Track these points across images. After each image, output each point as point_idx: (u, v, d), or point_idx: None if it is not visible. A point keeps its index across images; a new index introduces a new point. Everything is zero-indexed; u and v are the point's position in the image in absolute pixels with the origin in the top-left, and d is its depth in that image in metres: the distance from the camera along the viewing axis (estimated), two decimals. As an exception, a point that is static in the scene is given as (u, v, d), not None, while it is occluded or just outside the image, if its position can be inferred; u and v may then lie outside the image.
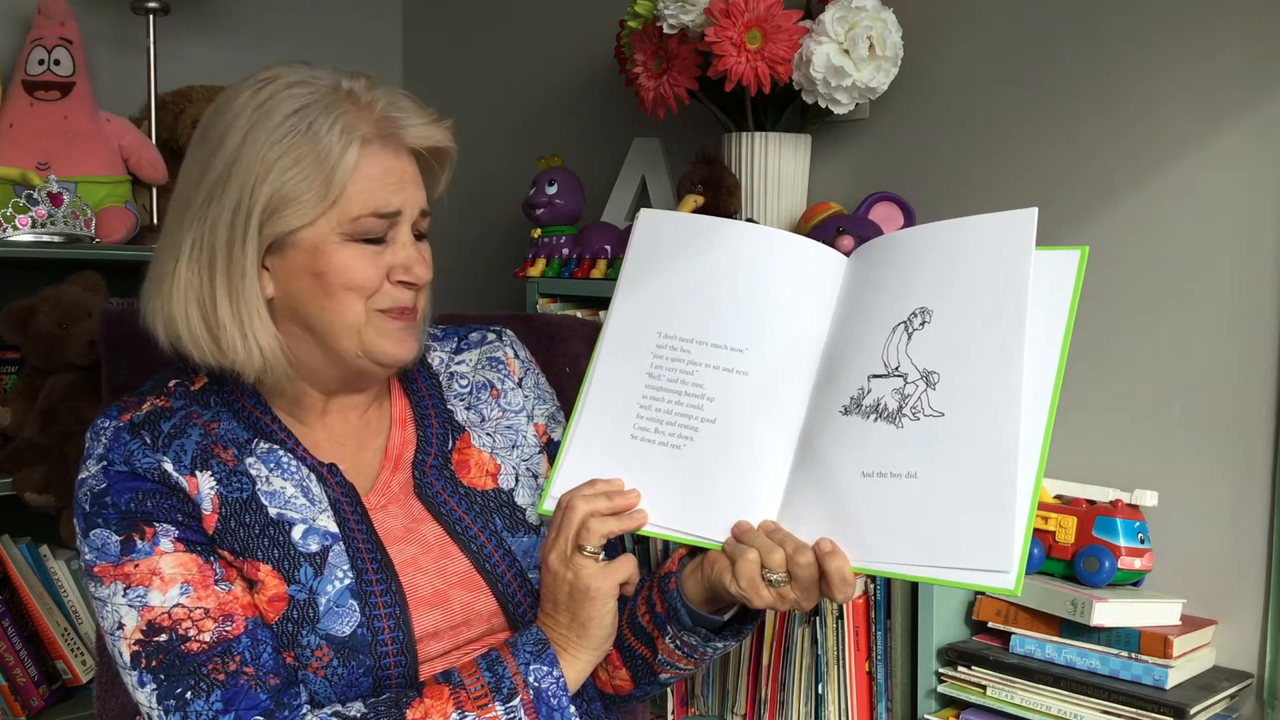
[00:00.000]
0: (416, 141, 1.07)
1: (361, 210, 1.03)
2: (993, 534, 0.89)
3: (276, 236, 1.03)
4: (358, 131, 1.02)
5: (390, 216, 1.05)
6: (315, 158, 1.01)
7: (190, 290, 1.04)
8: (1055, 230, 1.58)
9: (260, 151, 1.01)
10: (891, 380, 0.97)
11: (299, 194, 1.01)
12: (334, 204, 1.02)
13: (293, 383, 1.10)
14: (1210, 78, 1.51)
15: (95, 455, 1.05)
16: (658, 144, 2.09)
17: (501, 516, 1.15)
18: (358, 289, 1.04)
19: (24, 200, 1.82)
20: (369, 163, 1.03)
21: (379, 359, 1.07)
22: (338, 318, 1.05)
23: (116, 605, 1.01)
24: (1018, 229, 0.97)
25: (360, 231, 1.04)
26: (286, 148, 1.01)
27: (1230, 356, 1.50)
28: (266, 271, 1.05)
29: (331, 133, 1.02)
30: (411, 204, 1.07)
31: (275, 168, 1.01)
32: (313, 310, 1.05)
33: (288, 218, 1.02)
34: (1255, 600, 1.49)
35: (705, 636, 1.08)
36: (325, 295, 1.04)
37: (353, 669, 1.02)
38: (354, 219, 1.03)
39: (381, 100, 1.05)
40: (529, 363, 1.27)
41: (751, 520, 1.00)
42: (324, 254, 1.03)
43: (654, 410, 1.05)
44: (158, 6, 2.08)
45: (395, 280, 1.06)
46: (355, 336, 1.06)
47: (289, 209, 1.02)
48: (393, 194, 1.05)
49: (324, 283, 1.04)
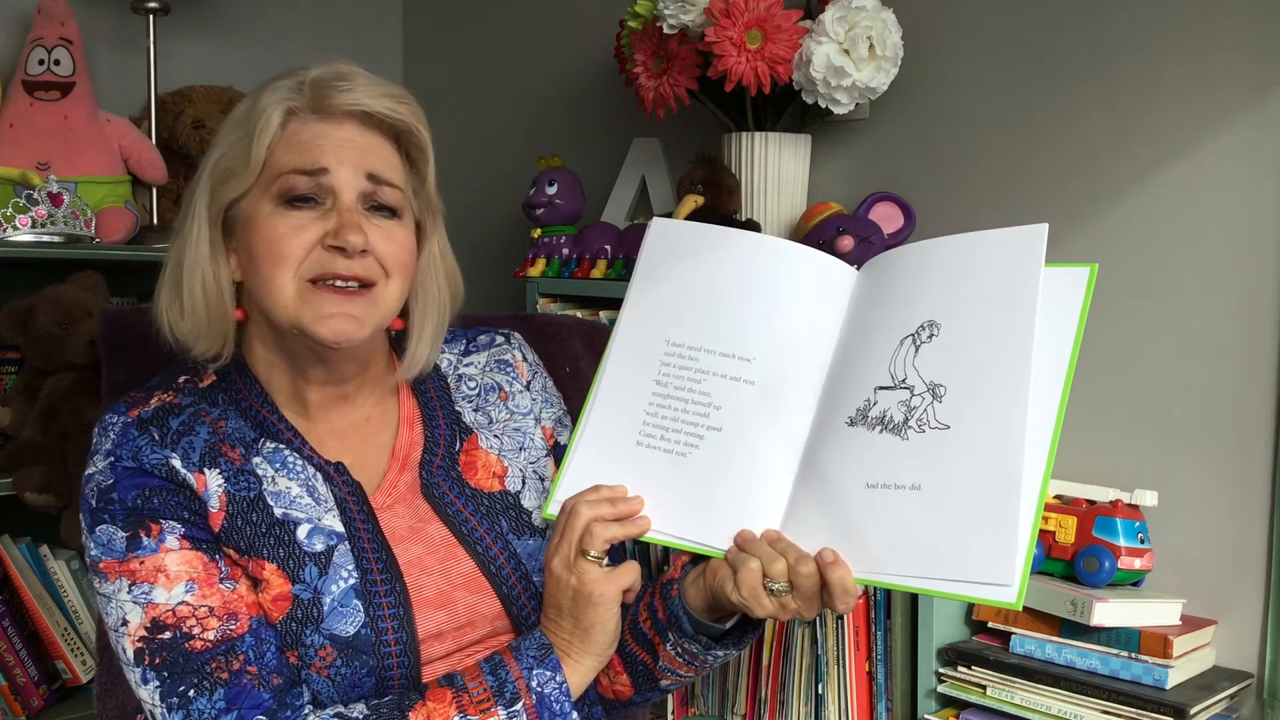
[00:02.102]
0: (346, 105, 1.06)
1: (284, 168, 1.04)
2: (995, 548, 0.89)
3: (223, 210, 1.07)
4: (287, 102, 1.06)
5: (314, 174, 1.04)
6: (246, 129, 1.06)
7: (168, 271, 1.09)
8: (1055, 230, 1.57)
9: (221, 135, 1.09)
10: (898, 392, 0.97)
11: (235, 165, 1.06)
12: (263, 170, 1.05)
13: (277, 370, 1.11)
14: (1210, 77, 1.52)
15: (103, 451, 1.05)
16: (658, 144, 2.10)
17: (508, 519, 1.15)
18: (283, 259, 1.03)
19: (24, 200, 1.82)
20: (299, 129, 1.06)
21: (312, 336, 1.04)
22: (268, 293, 1.04)
23: (121, 602, 1.01)
24: (1028, 245, 0.97)
25: (285, 190, 1.04)
26: (232, 126, 1.08)
27: (1230, 357, 1.51)
28: (234, 255, 1.08)
29: (264, 103, 1.06)
30: (347, 164, 1.05)
31: (220, 144, 1.08)
32: (256, 288, 1.06)
33: (229, 188, 1.06)
34: (1255, 600, 1.49)
35: (707, 644, 1.07)
36: (255, 269, 1.05)
37: (356, 669, 1.02)
38: (277, 177, 1.04)
39: (325, 74, 1.07)
40: (537, 366, 1.27)
41: (754, 529, 1.00)
42: (255, 224, 1.05)
43: (660, 417, 1.05)
44: (158, 6, 2.08)
45: (326, 246, 1.04)
46: (285, 311, 1.04)
47: (230, 180, 1.06)
48: (321, 154, 1.05)
49: (254, 256, 1.05)
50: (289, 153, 1.05)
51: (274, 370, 1.11)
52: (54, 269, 1.94)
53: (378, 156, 1.08)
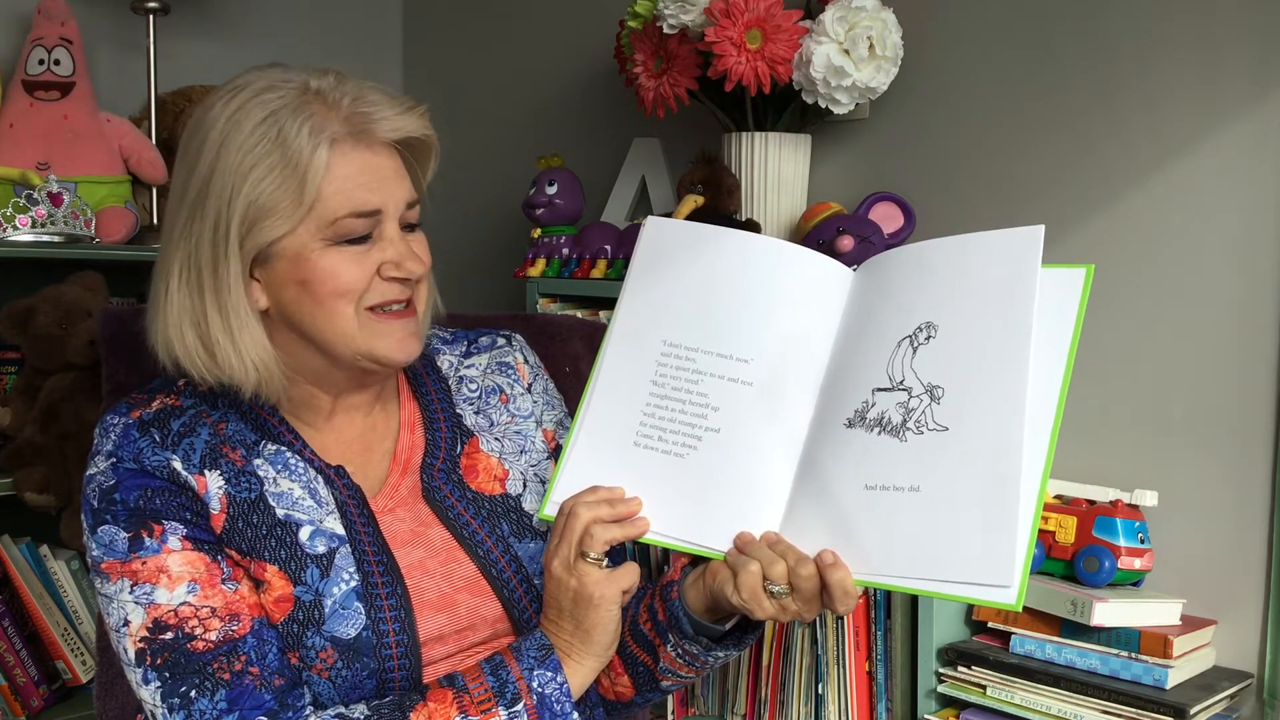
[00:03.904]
0: (389, 134, 1.05)
1: (339, 212, 1.02)
2: (995, 549, 0.89)
3: (259, 249, 1.02)
4: (327, 132, 1.01)
5: (370, 215, 1.03)
6: (286, 164, 1.00)
7: (184, 311, 1.04)
8: (1055, 230, 1.58)
9: (234, 163, 1.00)
10: (896, 394, 0.97)
11: (275, 203, 1.00)
12: (311, 209, 1.01)
13: (298, 386, 1.10)
14: (1210, 76, 1.52)
15: (104, 451, 1.05)
16: (658, 144, 2.10)
17: (509, 522, 1.15)
18: (345, 294, 1.03)
19: (24, 200, 1.82)
20: (341, 162, 1.01)
21: (380, 361, 1.06)
22: (329, 325, 1.04)
23: (123, 602, 1.01)
24: (1025, 246, 0.96)
25: (341, 234, 1.02)
26: (259, 157, 1.00)
27: (1230, 357, 1.51)
28: (258, 283, 1.05)
29: (300, 136, 1.00)
30: (393, 199, 1.05)
31: (249, 179, 1.00)
32: (305, 319, 1.04)
33: (267, 229, 1.01)
34: (1255, 600, 1.49)
35: (707, 646, 1.08)
36: (315, 304, 1.03)
37: (357, 671, 1.02)
38: (333, 222, 1.02)
39: (349, 96, 1.03)
40: (538, 368, 1.26)
41: (754, 531, 1.00)
42: (308, 262, 1.02)
43: (657, 418, 1.05)
44: (158, 6, 2.08)
45: (386, 276, 1.05)
46: (351, 342, 1.05)
47: (267, 219, 1.01)
48: (370, 192, 1.03)
49: (311, 291, 1.03)
50: (338, 193, 1.01)
51: (292, 385, 1.09)
52: (54, 269, 1.94)
53: (409, 181, 1.08)
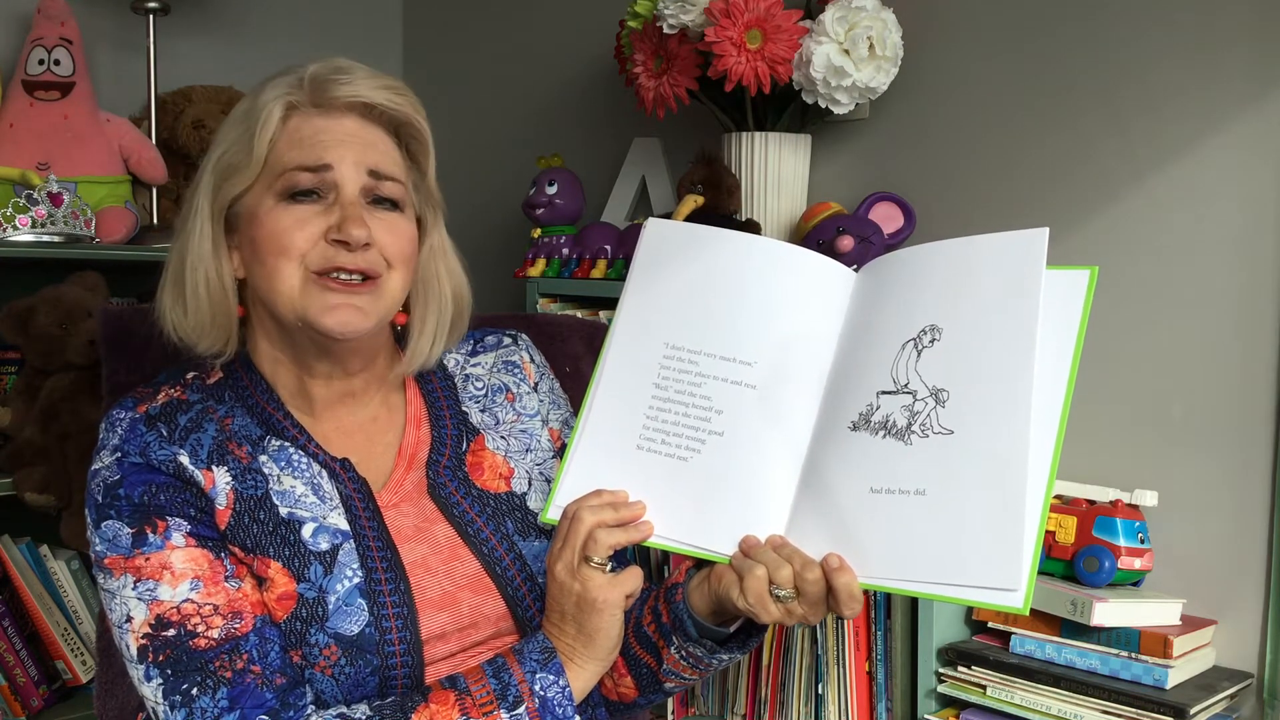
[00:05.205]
0: (346, 97, 1.07)
1: (288, 165, 1.05)
2: (1001, 552, 0.89)
3: (225, 207, 1.07)
4: (287, 97, 1.07)
5: (318, 170, 1.05)
6: (247, 126, 1.07)
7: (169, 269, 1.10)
8: (1055, 230, 1.57)
9: (221, 133, 1.10)
10: (900, 397, 0.97)
11: (237, 161, 1.06)
12: (265, 166, 1.05)
13: (283, 367, 1.11)
14: (1210, 76, 1.52)
15: (110, 446, 1.05)
16: (658, 144, 2.10)
17: (513, 520, 1.15)
18: (286, 251, 1.04)
19: (24, 200, 1.82)
20: (300, 124, 1.06)
21: (312, 325, 1.05)
22: (271, 284, 1.05)
23: (126, 598, 1.01)
24: (1029, 248, 0.96)
25: (289, 186, 1.05)
26: (233, 124, 1.09)
27: (1230, 357, 1.51)
28: (237, 252, 1.09)
29: (264, 98, 1.07)
30: (349, 160, 1.06)
31: (221, 142, 1.09)
32: (257, 279, 1.06)
33: (231, 185, 1.07)
34: (1255, 600, 1.49)
35: (711, 648, 1.07)
36: (259, 262, 1.05)
37: (359, 668, 1.02)
38: (281, 174, 1.05)
39: (328, 68, 1.08)
40: (544, 367, 1.26)
41: (759, 534, 0.99)
42: (258, 219, 1.05)
43: (661, 421, 1.04)
44: (158, 6, 2.08)
45: (330, 239, 1.05)
46: (291, 303, 1.05)
47: (232, 177, 1.07)
48: (323, 150, 1.05)
49: (258, 249, 1.05)
50: (291, 148, 1.05)
51: (279, 367, 1.12)
52: (54, 269, 1.94)
53: (378, 151, 1.09)
